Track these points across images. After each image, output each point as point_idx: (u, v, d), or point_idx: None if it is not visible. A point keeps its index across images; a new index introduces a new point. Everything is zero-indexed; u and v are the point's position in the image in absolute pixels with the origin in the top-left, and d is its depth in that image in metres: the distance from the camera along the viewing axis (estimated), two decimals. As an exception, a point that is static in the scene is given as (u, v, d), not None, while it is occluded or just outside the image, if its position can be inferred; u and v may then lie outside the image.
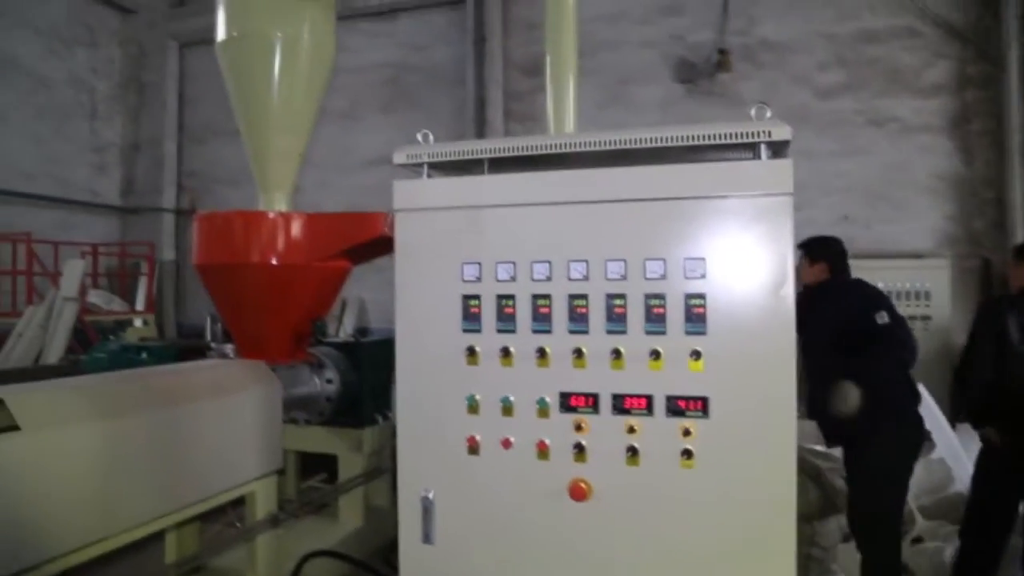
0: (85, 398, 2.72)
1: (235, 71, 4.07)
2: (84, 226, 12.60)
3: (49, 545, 2.41)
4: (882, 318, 4.07)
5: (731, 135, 2.16)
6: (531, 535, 2.34)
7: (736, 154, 2.35)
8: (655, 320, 2.21)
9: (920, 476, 4.88)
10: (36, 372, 5.27)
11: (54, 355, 8.57)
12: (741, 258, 2.16)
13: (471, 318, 2.38)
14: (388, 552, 4.33)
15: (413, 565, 2.45)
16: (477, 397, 2.37)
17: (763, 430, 2.15)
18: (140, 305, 11.99)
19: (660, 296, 2.21)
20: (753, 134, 2.15)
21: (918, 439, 4.16)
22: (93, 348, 5.93)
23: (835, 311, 4.12)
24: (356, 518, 4.57)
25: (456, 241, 2.40)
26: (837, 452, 4.47)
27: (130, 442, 2.75)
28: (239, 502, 3.57)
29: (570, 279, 2.28)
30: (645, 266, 2.22)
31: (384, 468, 4.74)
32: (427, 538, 2.41)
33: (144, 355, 4.86)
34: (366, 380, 4.47)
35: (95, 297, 11.18)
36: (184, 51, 13.49)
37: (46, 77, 12.13)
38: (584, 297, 2.28)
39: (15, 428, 2.35)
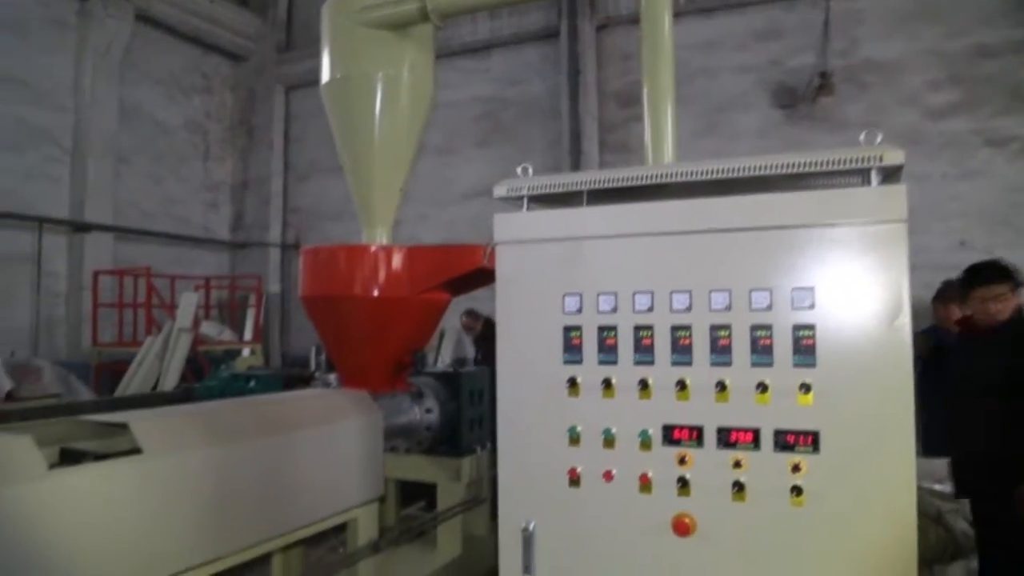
0: (201, 425, 2.84)
1: (339, 111, 4.22)
2: (198, 260, 13.32)
3: (166, 564, 2.52)
4: None
5: (841, 161, 2.09)
6: (633, 570, 2.29)
7: (844, 180, 2.27)
8: (762, 352, 2.15)
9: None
10: (153, 399, 5.54)
11: (170, 383, 9.02)
12: (853, 288, 2.08)
13: (572, 349, 2.37)
14: (486, 582, 4.31)
15: (514, 597, 2.43)
16: (579, 429, 2.36)
17: (879, 467, 2.05)
18: (248, 335, 12.48)
19: (767, 327, 2.15)
20: (864, 159, 2.07)
21: None
22: (206, 377, 6.21)
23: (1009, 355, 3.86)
24: (454, 547, 4.58)
25: (557, 273, 2.41)
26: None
27: (241, 467, 2.86)
28: (341, 528, 3.64)
29: (673, 310, 2.25)
30: (751, 297, 2.16)
31: (483, 498, 4.74)
32: (527, 569, 2.39)
33: (252, 383, 5.04)
34: (464, 410, 4.50)
35: (207, 328, 11.71)
36: (290, 93, 14.15)
37: (165, 122, 12.99)
38: (687, 328, 2.23)
39: (138, 451, 2.49)
